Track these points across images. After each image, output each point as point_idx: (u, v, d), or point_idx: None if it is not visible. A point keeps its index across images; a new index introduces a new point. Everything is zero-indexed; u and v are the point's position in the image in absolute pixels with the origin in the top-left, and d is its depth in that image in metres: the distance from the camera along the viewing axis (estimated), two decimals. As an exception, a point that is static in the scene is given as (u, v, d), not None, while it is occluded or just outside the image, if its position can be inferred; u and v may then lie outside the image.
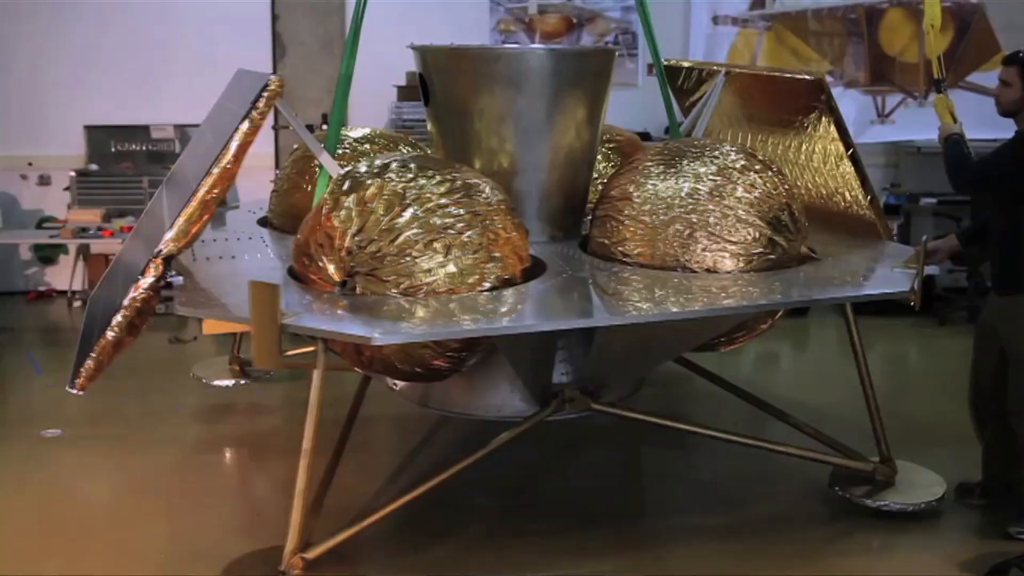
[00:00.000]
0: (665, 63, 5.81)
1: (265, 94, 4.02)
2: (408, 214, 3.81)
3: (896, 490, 4.51)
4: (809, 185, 4.92)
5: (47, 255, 8.92)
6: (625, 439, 5.46)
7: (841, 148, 4.57)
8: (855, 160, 4.53)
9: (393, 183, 3.90)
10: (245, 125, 4.00)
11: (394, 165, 4.02)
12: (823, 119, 4.59)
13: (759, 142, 5.13)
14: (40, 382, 6.59)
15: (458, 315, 3.61)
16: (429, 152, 5.21)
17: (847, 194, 4.69)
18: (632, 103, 8.44)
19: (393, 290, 3.78)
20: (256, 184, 8.18)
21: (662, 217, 4.22)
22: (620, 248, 4.33)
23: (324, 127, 7.71)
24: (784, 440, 4.80)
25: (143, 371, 6.80)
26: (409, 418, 5.69)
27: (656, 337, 4.26)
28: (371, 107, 8.18)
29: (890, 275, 4.17)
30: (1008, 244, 4.29)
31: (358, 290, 3.81)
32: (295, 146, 5.59)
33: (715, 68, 5.35)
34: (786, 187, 4.33)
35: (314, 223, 3.97)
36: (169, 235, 3.91)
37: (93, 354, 3.88)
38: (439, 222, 3.82)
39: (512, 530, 4.46)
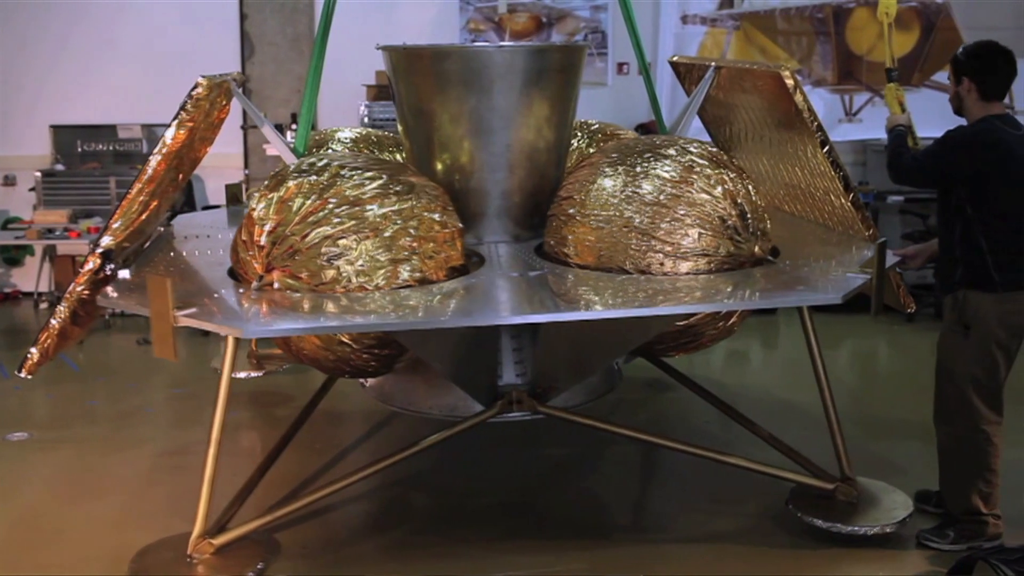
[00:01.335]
0: (670, 61, 5.80)
1: (192, 95, 4.12)
2: (323, 212, 3.86)
3: (856, 511, 4.27)
4: (803, 184, 4.85)
5: (13, 257, 8.82)
6: (602, 440, 5.46)
7: (818, 145, 4.46)
8: (831, 159, 4.44)
9: (312, 181, 3.95)
10: (173, 126, 4.11)
11: (320, 164, 4.08)
12: (800, 115, 4.51)
13: (768, 140, 5.01)
14: (6, 385, 6.51)
15: (345, 311, 3.66)
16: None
17: (831, 196, 4.64)
18: (602, 102, 8.49)
19: (307, 285, 3.85)
20: (226, 184, 8.13)
21: (601, 217, 4.14)
22: (563, 249, 4.29)
23: (294, 127, 7.69)
24: (752, 446, 4.81)
25: (112, 373, 6.76)
26: (379, 415, 5.70)
27: (587, 339, 4.23)
28: (341, 106, 8.16)
29: (839, 280, 3.97)
30: (942, 243, 4.27)
31: (275, 285, 3.87)
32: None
33: (716, 64, 5.21)
34: (743, 188, 4.19)
35: (244, 219, 4.05)
36: (108, 230, 4.10)
37: (39, 340, 4.06)
38: (351, 221, 3.86)
39: (480, 529, 4.46)
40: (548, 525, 4.52)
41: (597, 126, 5.55)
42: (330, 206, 3.87)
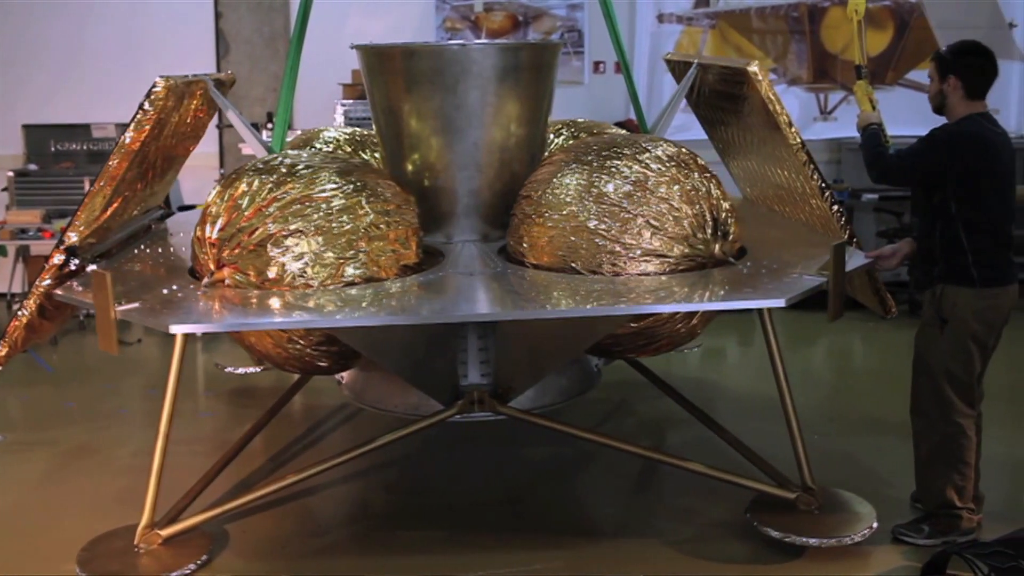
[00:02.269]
0: (664, 58, 5.79)
1: (151, 95, 4.15)
2: (270, 210, 3.91)
3: (817, 521, 4.15)
4: (786, 184, 4.83)
5: (-15, 257, 8.73)
6: (585, 440, 5.46)
7: (790, 144, 4.47)
8: (803, 159, 4.43)
9: (263, 180, 3.99)
10: (132, 126, 4.14)
11: (274, 162, 4.12)
12: (766, 111, 4.48)
13: (756, 140, 4.97)
14: (-20, 387, 6.46)
15: (286, 308, 3.71)
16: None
17: (808, 197, 4.61)
18: (578, 100, 8.49)
19: (254, 283, 3.90)
20: (202, 183, 8.09)
21: (556, 217, 4.13)
22: (520, 248, 4.28)
23: (270, 126, 7.65)
24: (729, 447, 4.82)
25: (87, 375, 6.71)
26: (354, 412, 5.69)
27: (536, 340, 4.24)
28: (317, 105, 8.13)
29: (791, 282, 3.92)
30: (921, 240, 4.29)
31: (226, 282, 3.91)
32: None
33: (699, 61, 5.22)
34: (705, 188, 4.14)
35: (200, 217, 4.09)
36: (72, 227, 4.17)
37: (8, 333, 4.17)
38: (297, 219, 3.90)
39: (456, 527, 4.46)
40: (524, 524, 4.52)
41: (584, 124, 5.53)
42: (278, 204, 3.91)
